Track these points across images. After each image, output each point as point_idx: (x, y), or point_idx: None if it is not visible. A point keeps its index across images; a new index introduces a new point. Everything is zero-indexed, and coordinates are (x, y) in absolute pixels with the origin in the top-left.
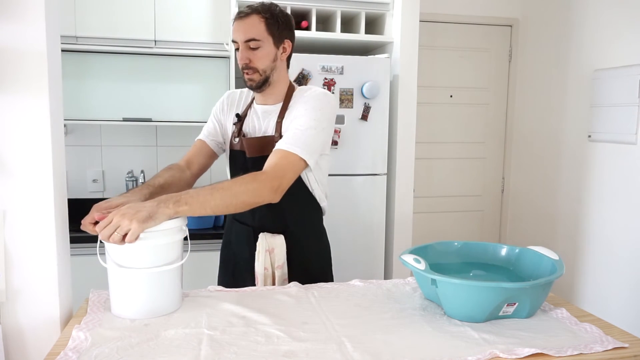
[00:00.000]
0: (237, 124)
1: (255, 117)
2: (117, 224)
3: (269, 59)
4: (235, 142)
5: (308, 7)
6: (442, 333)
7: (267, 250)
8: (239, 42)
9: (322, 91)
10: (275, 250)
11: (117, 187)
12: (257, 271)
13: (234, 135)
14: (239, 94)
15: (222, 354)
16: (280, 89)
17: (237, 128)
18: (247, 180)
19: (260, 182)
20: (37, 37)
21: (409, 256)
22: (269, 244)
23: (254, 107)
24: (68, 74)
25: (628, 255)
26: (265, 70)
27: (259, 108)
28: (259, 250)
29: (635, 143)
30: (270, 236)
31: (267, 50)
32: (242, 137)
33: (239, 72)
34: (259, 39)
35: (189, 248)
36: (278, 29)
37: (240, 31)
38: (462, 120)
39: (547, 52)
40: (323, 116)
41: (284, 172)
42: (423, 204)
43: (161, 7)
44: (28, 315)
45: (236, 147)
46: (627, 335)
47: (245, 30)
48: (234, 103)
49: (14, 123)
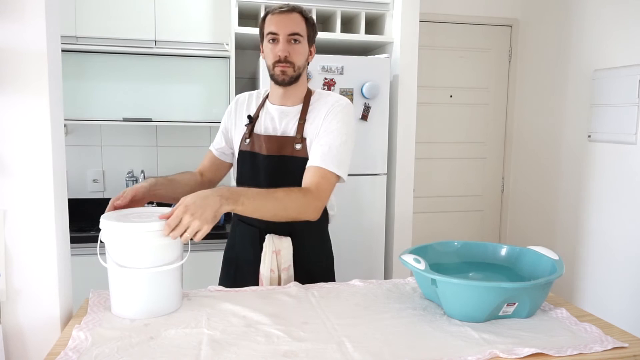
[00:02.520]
0: (249, 125)
1: (269, 117)
2: (187, 225)
3: (304, 56)
4: (245, 142)
5: (308, 7)
6: (442, 333)
7: (273, 251)
8: (282, 34)
9: (346, 101)
10: (282, 252)
11: (117, 187)
12: (263, 273)
13: (245, 137)
14: (248, 97)
15: (222, 354)
16: (301, 90)
17: (249, 129)
18: (297, 196)
19: (308, 200)
20: (37, 37)
21: (409, 256)
22: (275, 245)
23: (267, 108)
24: (68, 74)
25: (628, 255)
26: (299, 67)
27: (275, 109)
28: (265, 251)
29: (635, 143)
30: (277, 238)
31: (304, 48)
32: (254, 136)
33: (239, 72)
34: (302, 34)
35: (189, 248)
36: (313, 32)
37: (284, 24)
38: (462, 120)
39: (547, 52)
40: (351, 129)
41: (325, 193)
42: (423, 204)
43: (161, 7)
44: (28, 315)
45: (246, 147)
46: (626, 335)
47: (290, 24)
48: (243, 106)
49: (14, 123)
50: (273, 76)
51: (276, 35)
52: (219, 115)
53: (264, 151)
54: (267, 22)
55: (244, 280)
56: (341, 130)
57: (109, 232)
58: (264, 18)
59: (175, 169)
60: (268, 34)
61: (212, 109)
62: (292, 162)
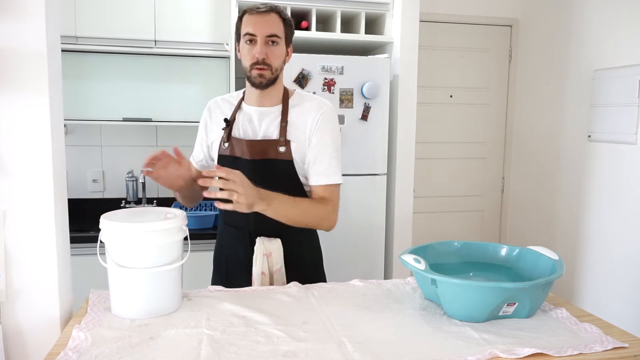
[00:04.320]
0: (227, 129)
1: (247, 119)
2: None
3: (282, 58)
4: (224, 146)
5: (308, 7)
6: (442, 333)
7: (264, 254)
8: (260, 36)
9: (329, 107)
10: (272, 254)
11: (117, 187)
12: (255, 276)
13: (223, 140)
14: (220, 100)
15: (222, 354)
16: (278, 90)
17: (227, 132)
18: (319, 209)
19: (327, 214)
20: (37, 37)
21: (409, 256)
22: (266, 248)
23: (243, 110)
24: (68, 74)
25: (628, 255)
26: (277, 69)
27: (253, 110)
28: (256, 254)
29: (635, 143)
30: (267, 240)
31: (282, 49)
32: (233, 140)
33: (239, 72)
34: (280, 36)
35: (189, 248)
36: (290, 33)
37: (262, 25)
38: (462, 120)
39: (547, 52)
40: (338, 133)
41: (338, 205)
42: (423, 204)
43: (161, 7)
44: (28, 315)
45: (226, 151)
46: (627, 335)
47: (268, 25)
48: (216, 110)
49: (14, 123)
50: (250, 78)
51: (254, 37)
52: None
53: (246, 155)
54: (245, 22)
55: (236, 281)
56: (334, 140)
57: (109, 232)
58: (240, 17)
59: None
60: (245, 34)
61: None
62: (275, 165)
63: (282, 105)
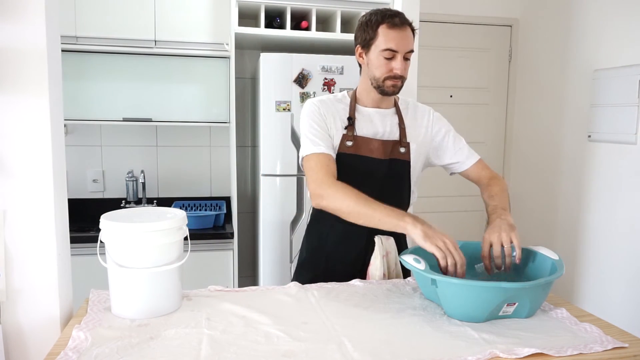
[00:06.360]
0: (350, 127)
1: (367, 120)
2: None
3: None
4: (348, 144)
5: (308, 7)
6: (442, 333)
7: (383, 256)
8: (401, 52)
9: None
10: (390, 254)
11: (117, 187)
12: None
13: (347, 138)
14: (326, 99)
15: (222, 354)
16: None
17: (351, 132)
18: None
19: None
20: (37, 37)
21: (409, 256)
22: (385, 247)
23: (360, 111)
24: (68, 74)
25: (628, 255)
26: (405, 79)
27: (372, 111)
28: (376, 255)
29: (635, 143)
30: (385, 239)
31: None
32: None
33: (239, 72)
34: (413, 50)
35: (189, 248)
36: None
37: (404, 42)
38: (462, 120)
39: (547, 52)
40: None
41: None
42: (423, 204)
43: (161, 7)
44: (28, 315)
45: (349, 150)
46: (626, 335)
47: (408, 42)
48: (329, 109)
49: (14, 123)
50: (381, 87)
51: (395, 53)
52: (219, 115)
53: (374, 154)
54: (384, 35)
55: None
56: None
57: (109, 232)
58: (375, 26)
59: (175, 169)
60: (386, 49)
61: (212, 109)
62: (398, 165)
63: (396, 108)
